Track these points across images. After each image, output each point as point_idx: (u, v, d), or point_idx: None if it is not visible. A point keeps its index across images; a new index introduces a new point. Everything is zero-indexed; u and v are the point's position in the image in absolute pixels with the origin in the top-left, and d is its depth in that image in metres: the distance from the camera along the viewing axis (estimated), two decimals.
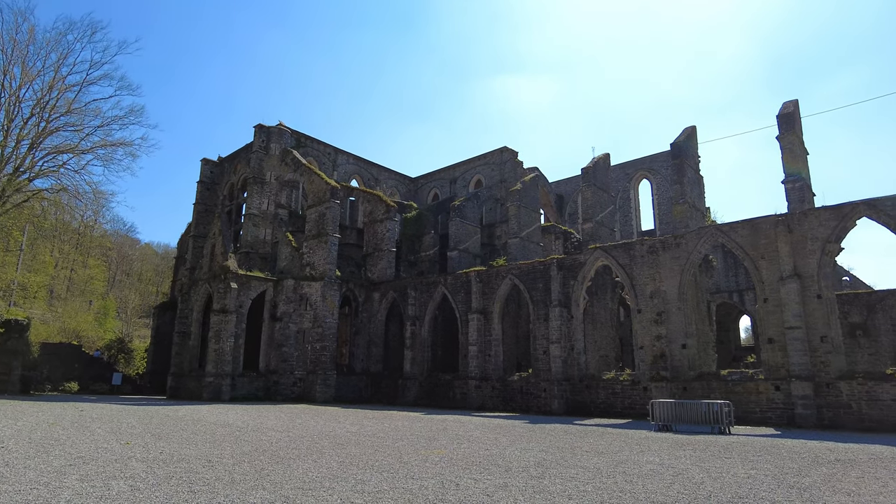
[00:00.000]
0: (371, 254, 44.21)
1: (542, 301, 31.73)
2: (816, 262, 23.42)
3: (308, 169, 44.12)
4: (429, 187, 61.60)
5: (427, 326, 37.81)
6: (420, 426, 20.86)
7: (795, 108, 29.48)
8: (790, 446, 15.52)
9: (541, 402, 30.31)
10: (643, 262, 28.16)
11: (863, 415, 21.56)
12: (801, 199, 25.93)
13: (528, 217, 42.75)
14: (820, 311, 23.15)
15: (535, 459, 12.67)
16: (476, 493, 8.94)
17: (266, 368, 38.68)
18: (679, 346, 26.50)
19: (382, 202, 44.89)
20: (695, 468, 11.58)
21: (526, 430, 19.74)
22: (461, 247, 43.01)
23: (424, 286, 38.45)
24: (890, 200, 22.23)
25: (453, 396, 34.63)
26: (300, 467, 11.26)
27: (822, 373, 22.69)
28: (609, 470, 11.32)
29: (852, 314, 35.31)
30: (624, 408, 27.38)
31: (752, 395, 24.16)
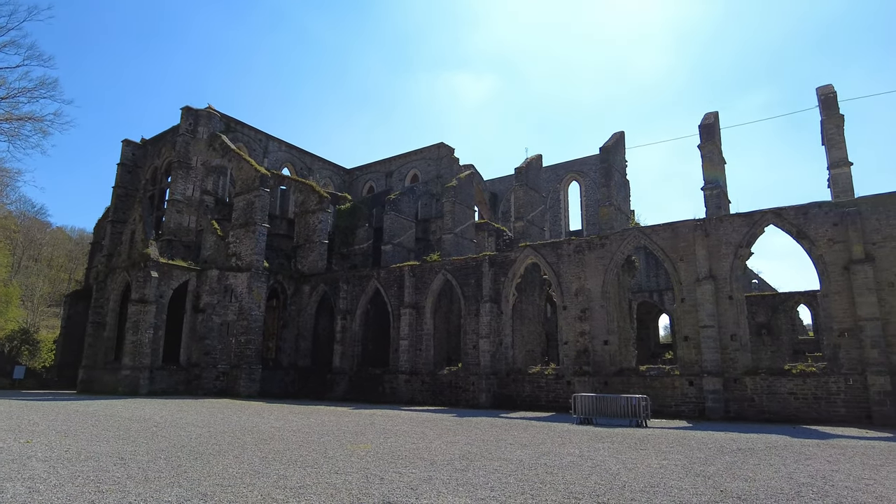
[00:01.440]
0: (302, 245, 43.28)
1: (473, 297, 32.13)
2: (729, 266, 24.97)
3: (237, 155, 42.61)
4: (364, 179, 60.95)
5: (358, 320, 37.46)
6: (347, 421, 20.67)
7: (716, 120, 31.24)
8: (699, 438, 16.50)
9: (469, 395, 30.74)
10: (570, 261, 29.07)
11: (763, 407, 23.22)
12: (717, 206, 27.54)
13: (462, 214, 43.15)
14: (731, 312, 24.70)
15: (461, 452, 12.84)
16: (400, 487, 8.97)
17: (187, 361, 37.13)
18: (601, 342, 27.56)
19: (315, 192, 44.01)
20: (612, 460, 12.10)
21: (453, 424, 19.97)
22: (395, 241, 42.86)
23: (357, 280, 38.06)
24: (793, 210, 24.02)
25: (383, 391, 34.52)
26: (220, 463, 10.91)
27: (731, 369, 24.24)
28: (531, 462, 11.64)
29: (759, 314, 37.95)
30: (548, 401, 28.19)
31: (668, 390, 25.49)
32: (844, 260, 22.59)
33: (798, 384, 22.84)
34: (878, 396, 21.00)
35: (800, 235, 23.78)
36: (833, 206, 23.46)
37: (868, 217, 22.59)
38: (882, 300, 21.80)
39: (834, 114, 26.31)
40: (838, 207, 23.27)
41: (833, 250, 23.01)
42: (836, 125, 26.11)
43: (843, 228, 22.78)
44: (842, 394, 22.01)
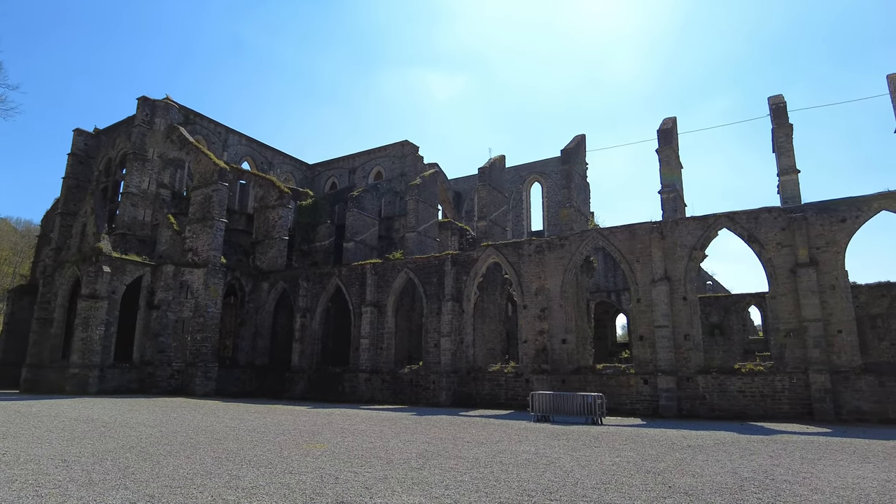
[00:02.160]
0: (261, 241, 42.51)
1: (435, 295, 32.16)
2: (684, 267, 25.68)
3: (195, 147, 41.55)
4: (327, 175, 60.26)
5: (318, 318, 37.05)
6: (304, 420, 20.43)
7: (674, 125, 32.07)
8: (652, 435, 16.93)
9: (430, 394, 30.77)
10: (530, 261, 29.40)
11: (714, 405, 23.99)
12: (674, 209, 28.28)
13: (426, 212, 43.14)
14: (685, 312, 25.42)
15: (418, 451, 12.86)
16: (355, 487, 8.92)
17: (140, 359, 36.03)
18: (560, 340, 27.98)
19: (276, 188, 43.29)
20: (566, 457, 12.31)
21: (412, 422, 19.96)
22: (358, 238, 42.53)
23: (317, 277, 37.61)
24: (745, 214, 24.88)
25: (343, 390, 34.23)
26: (170, 464, 10.65)
27: (684, 368, 24.95)
28: (487, 460, 11.74)
29: (712, 315, 39.20)
30: (507, 399, 28.47)
31: (624, 388, 26.06)
32: (791, 263, 23.52)
33: (746, 382, 23.67)
34: (819, 394, 21.95)
35: (751, 239, 24.64)
36: (781, 212, 24.39)
37: (813, 223, 23.57)
38: (824, 302, 22.79)
39: (783, 123, 27.32)
40: (786, 213, 24.21)
41: (781, 254, 23.92)
42: (785, 134, 27.12)
43: (790, 233, 23.72)
44: (786, 391, 22.92)
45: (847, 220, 23.15)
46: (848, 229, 23.14)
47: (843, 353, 22.40)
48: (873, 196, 22.96)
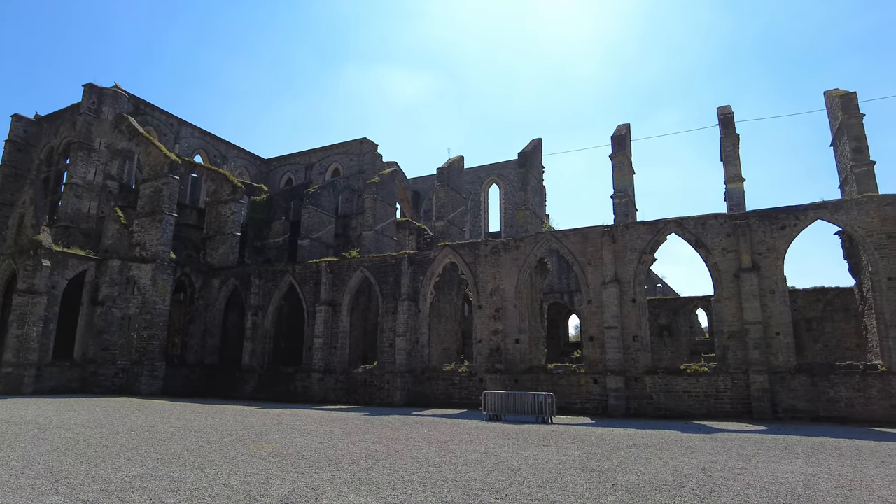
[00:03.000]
0: (212, 237, 41.44)
1: (391, 294, 32.05)
2: (634, 270, 26.38)
3: (145, 139, 40.17)
4: (282, 171, 59.23)
5: (270, 317, 36.38)
6: (254, 420, 20.04)
7: (627, 132, 32.88)
8: (599, 434, 17.34)
9: (384, 394, 30.64)
10: (486, 262, 29.66)
11: (661, 404, 24.73)
12: (625, 213, 29.01)
13: (384, 211, 42.89)
14: (634, 314, 26.10)
15: (368, 451, 12.80)
16: (301, 488, 8.82)
17: (83, 358, 34.58)
18: (513, 340, 28.31)
19: (229, 182, 42.28)
20: (515, 456, 12.48)
21: (364, 422, 19.85)
22: (313, 235, 41.94)
23: (270, 274, 36.93)
24: (693, 220, 25.75)
25: (295, 390, 33.71)
26: (108, 466, 10.28)
27: (633, 368, 25.63)
28: (437, 459, 11.79)
29: (661, 317, 40.32)
30: (461, 398, 28.62)
31: (575, 388, 26.58)
32: (735, 268, 24.47)
33: (692, 383, 24.50)
34: (758, 393, 22.93)
35: (698, 244, 25.52)
36: (727, 218, 25.35)
37: (756, 229, 24.59)
38: (765, 306, 23.81)
39: (731, 132, 28.40)
40: (732, 219, 25.17)
41: (726, 259, 24.86)
42: (732, 143, 28.20)
43: (734, 239, 24.68)
44: (728, 391, 23.84)
45: (786, 228, 24.25)
46: (787, 236, 24.24)
47: (780, 355, 23.45)
48: (810, 206, 24.13)
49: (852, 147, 26.57)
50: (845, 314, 33.63)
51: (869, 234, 22.95)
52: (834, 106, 28.87)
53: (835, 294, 34.96)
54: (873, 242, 22.83)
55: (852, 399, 22.04)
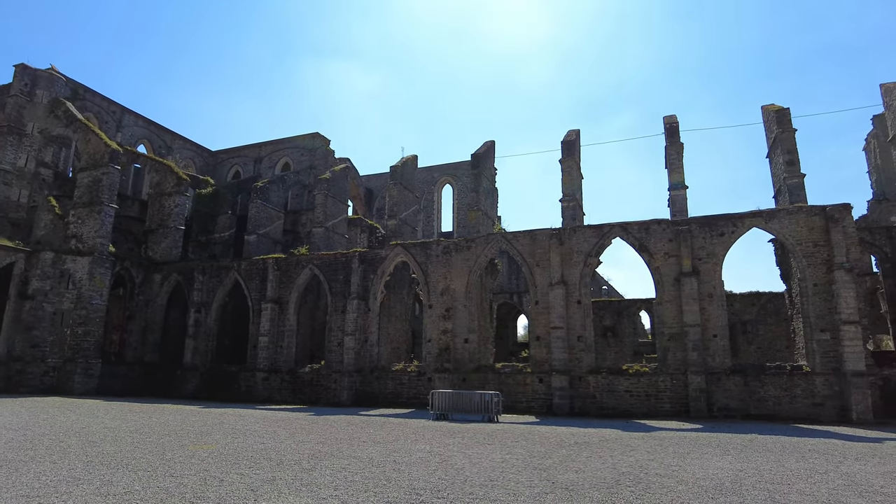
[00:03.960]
0: (155, 230, 39.95)
1: (341, 293, 31.71)
2: (579, 272, 27.01)
3: (84, 125, 38.34)
4: (230, 164, 57.63)
5: (214, 314, 35.39)
6: (194, 420, 19.46)
7: (577, 137, 33.61)
8: (543, 432, 17.66)
9: (331, 393, 30.30)
10: (438, 262, 29.76)
11: (603, 403, 25.42)
12: (573, 217, 29.67)
13: (335, 207, 42.37)
14: (579, 315, 26.74)
15: (311, 451, 12.63)
16: (240, 489, 8.62)
17: (8, 355, 32.68)
18: (463, 340, 28.52)
19: (174, 174, 40.86)
20: (459, 455, 12.57)
21: (308, 422, 19.57)
22: (261, 231, 41.02)
23: (215, 270, 35.91)
24: (637, 225, 26.59)
25: (238, 389, 32.91)
26: (32, 470, 9.77)
27: (577, 368, 26.24)
28: (381, 459, 11.75)
29: (605, 318, 41.43)
30: (409, 398, 28.61)
31: (521, 387, 27.00)
32: (676, 272, 25.40)
33: (633, 382, 25.29)
34: (695, 393, 23.88)
35: (641, 248, 26.36)
36: (670, 224, 26.29)
37: (697, 235, 25.60)
38: (703, 309, 24.81)
39: (675, 141, 29.47)
40: (674, 225, 26.13)
41: (668, 263, 25.78)
42: (676, 151, 29.27)
43: (676, 244, 25.62)
44: (668, 391, 24.73)
45: (725, 235, 25.36)
46: (725, 243, 25.35)
47: (717, 356, 24.50)
48: (746, 214, 25.32)
49: (785, 160, 28.02)
50: (777, 318, 35.46)
51: (798, 243, 24.26)
52: (770, 120, 30.37)
53: (768, 298, 36.81)
54: (802, 250, 24.15)
55: (780, 398, 23.25)
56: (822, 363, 23.06)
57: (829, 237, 23.63)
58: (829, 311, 23.29)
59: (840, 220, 23.62)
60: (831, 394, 22.65)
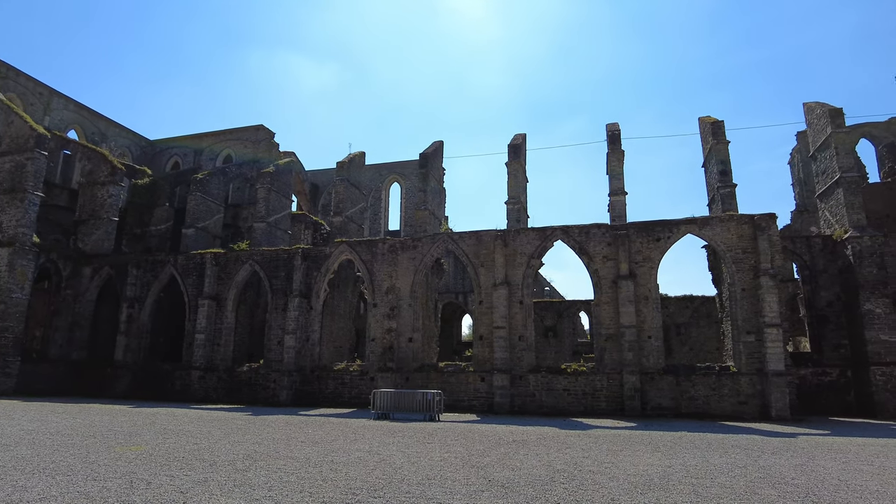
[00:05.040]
0: (86, 221, 37.95)
1: (282, 290, 31.06)
2: (522, 273, 27.48)
3: (6, 106, 35.97)
4: (169, 154, 55.46)
5: (148, 310, 33.96)
6: (123, 420, 18.63)
7: (523, 141, 34.11)
8: (483, 431, 17.87)
9: (269, 393, 29.63)
10: (383, 260, 29.61)
11: (543, 402, 25.95)
12: (517, 219, 30.10)
13: (278, 202, 41.39)
14: (521, 315, 27.19)
15: (246, 452, 12.33)
16: (169, 492, 8.33)
17: None
18: (407, 339, 28.49)
19: (108, 162, 38.91)
20: (399, 454, 12.55)
21: (245, 422, 19.09)
22: (200, 225, 39.59)
23: (150, 264, 34.46)
24: (578, 229, 27.30)
25: (173, 388, 31.70)
26: None
27: (518, 367, 26.68)
28: (318, 459, 11.59)
29: (547, 318, 42.31)
30: (351, 397, 28.34)
31: (463, 386, 27.21)
32: (614, 275, 26.22)
33: (571, 381, 25.93)
34: (630, 392, 24.72)
35: (581, 251, 27.07)
36: (609, 228, 27.10)
37: (634, 240, 26.50)
38: (639, 311, 25.72)
39: (617, 148, 30.33)
40: (613, 230, 26.95)
41: (606, 266, 26.57)
42: (617, 159, 30.12)
43: (614, 248, 26.44)
44: (604, 390, 25.49)
45: (661, 240, 26.37)
46: (661, 248, 26.36)
47: (651, 357, 25.44)
48: (681, 220, 26.42)
49: (719, 170, 29.37)
50: (709, 320, 37.18)
51: (729, 249, 25.50)
52: (706, 131, 31.76)
53: (701, 302, 38.55)
54: (732, 256, 25.41)
55: (708, 397, 24.38)
56: (748, 364, 24.33)
57: (756, 245, 24.97)
58: (754, 315, 24.60)
59: (766, 228, 24.99)
60: (754, 392, 23.93)
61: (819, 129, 31.77)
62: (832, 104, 30.87)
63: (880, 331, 25.48)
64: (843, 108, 30.14)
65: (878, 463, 12.25)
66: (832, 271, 28.33)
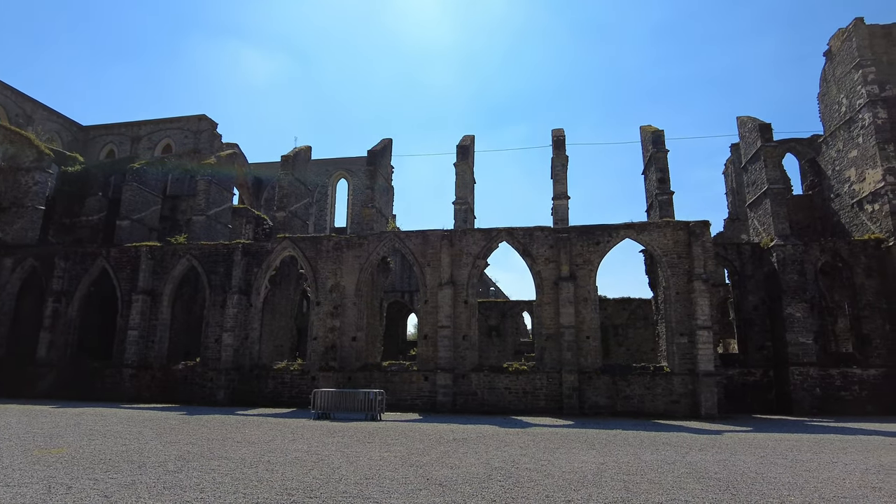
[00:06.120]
0: (7, 209, 35.63)
1: (221, 286, 30.16)
2: (468, 273, 27.73)
3: None
4: (104, 141, 52.81)
5: (77, 304, 32.24)
6: (44, 422, 17.65)
7: (471, 143, 34.36)
8: (424, 429, 17.93)
9: (206, 392, 28.72)
10: (328, 257, 29.22)
11: (484, 400, 26.26)
12: (464, 220, 30.32)
13: (219, 195, 40.09)
14: (465, 314, 27.42)
15: (178, 453, 11.93)
16: (91, 496, 7.97)
17: None
18: (350, 338, 28.22)
19: (34, 147, 36.69)
20: (337, 454, 12.44)
21: (179, 422, 18.45)
22: (135, 216, 37.88)
23: (80, 257, 32.74)
24: (522, 231, 27.78)
25: (103, 387, 30.22)
26: None
27: (461, 366, 26.89)
28: (254, 459, 11.35)
29: (491, 318, 42.83)
30: (291, 397, 27.83)
31: (407, 385, 27.19)
32: (555, 276, 26.82)
33: (512, 380, 26.35)
34: (568, 391, 25.35)
35: (525, 253, 27.56)
36: (552, 231, 27.70)
37: (575, 243, 27.19)
38: (578, 312, 26.40)
39: (561, 153, 31.02)
40: (555, 233, 27.56)
41: (548, 268, 27.15)
42: (561, 163, 30.81)
43: (556, 250, 27.06)
44: (544, 389, 26.03)
45: (600, 244, 27.16)
46: (601, 251, 27.16)
47: (589, 357, 26.16)
48: (620, 225, 27.31)
49: (657, 177, 30.49)
50: (645, 322, 38.58)
51: (665, 254, 26.54)
52: (646, 140, 32.92)
53: (638, 304, 39.96)
54: (667, 261, 26.45)
55: (643, 396, 25.30)
56: (680, 364, 25.39)
57: (690, 250, 26.09)
58: (687, 317, 25.69)
59: (700, 235, 26.16)
60: (686, 392, 25.01)
61: (750, 143, 33.50)
62: (763, 119, 32.62)
63: (799, 333, 27.11)
64: (771, 123, 31.89)
65: (791, 457, 13.06)
66: (759, 277, 29.91)
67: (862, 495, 9.10)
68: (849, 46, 32.05)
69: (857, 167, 31.40)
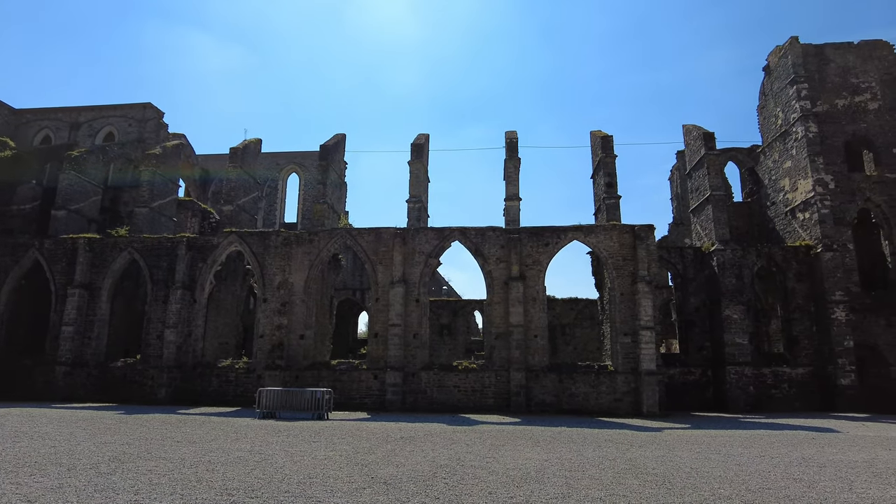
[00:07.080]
0: None
1: (163, 281, 29.17)
2: (420, 272, 27.75)
3: None
4: (39, 126, 50.03)
5: (5, 298, 30.52)
6: None
7: (426, 141, 34.38)
8: (371, 428, 17.84)
9: (146, 390, 27.72)
10: (276, 253, 28.67)
11: (434, 398, 26.35)
12: (418, 218, 30.32)
13: (164, 187, 38.71)
14: (416, 313, 27.43)
15: (113, 454, 11.48)
16: (13, 501, 7.57)
17: None
18: (298, 336, 27.78)
19: None
20: (281, 453, 12.24)
21: (116, 422, 17.75)
22: (73, 207, 36.09)
23: (9, 248, 31.00)
24: (475, 231, 28.02)
25: (34, 385, 28.73)
26: None
27: (411, 364, 26.89)
28: (194, 460, 11.04)
29: (443, 317, 42.95)
30: (236, 395, 27.20)
31: (356, 384, 26.99)
32: (506, 276, 27.17)
33: (462, 378, 26.55)
34: (516, 389, 25.74)
35: (477, 252, 27.80)
36: (503, 232, 28.05)
37: (525, 244, 27.62)
38: (527, 311, 26.83)
39: (514, 156, 31.43)
40: (507, 233, 27.92)
41: (499, 268, 27.47)
42: (514, 165, 31.22)
43: (507, 251, 27.41)
44: (492, 387, 26.33)
45: (550, 245, 27.68)
46: (550, 252, 27.67)
47: (537, 355, 26.62)
48: (569, 228, 27.91)
49: (606, 181, 31.29)
50: (591, 322, 39.50)
51: (611, 256, 27.27)
52: (596, 144, 33.73)
53: (585, 304, 40.87)
54: (613, 263, 27.19)
55: (588, 394, 25.94)
56: (624, 363, 26.15)
57: (635, 253, 26.90)
58: (631, 318, 26.48)
59: (645, 238, 27.00)
60: (629, 390, 25.78)
61: (695, 150, 34.80)
62: (707, 128, 33.94)
63: (735, 334, 28.37)
64: (715, 132, 33.25)
65: (725, 451, 13.68)
66: (700, 280, 31.12)
67: (784, 486, 9.63)
68: (785, 63, 33.71)
69: (791, 177, 33.08)
